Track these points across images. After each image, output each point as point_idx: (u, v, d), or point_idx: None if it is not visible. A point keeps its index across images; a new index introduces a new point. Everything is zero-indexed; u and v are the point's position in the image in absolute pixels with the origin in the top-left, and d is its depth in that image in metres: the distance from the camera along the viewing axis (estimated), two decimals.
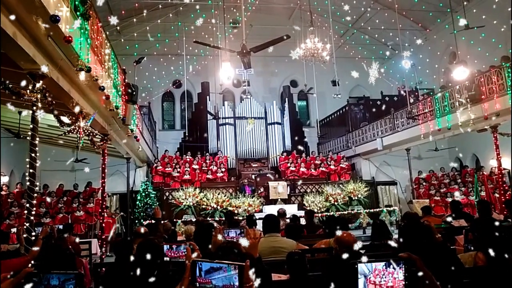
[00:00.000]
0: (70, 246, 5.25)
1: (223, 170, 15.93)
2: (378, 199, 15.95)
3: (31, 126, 5.05)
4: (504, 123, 10.45)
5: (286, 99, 19.78)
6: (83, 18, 5.38)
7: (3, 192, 11.80)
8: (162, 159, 15.98)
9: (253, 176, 15.69)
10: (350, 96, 20.71)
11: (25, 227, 4.73)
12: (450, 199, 13.47)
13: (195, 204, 13.46)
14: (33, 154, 4.98)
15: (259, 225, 5.61)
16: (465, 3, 13.31)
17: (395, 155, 16.26)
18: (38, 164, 5.04)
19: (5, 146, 10.23)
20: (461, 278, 2.41)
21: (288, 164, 16.51)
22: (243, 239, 1.87)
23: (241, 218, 11.36)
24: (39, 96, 4.94)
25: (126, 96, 8.81)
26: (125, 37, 16.36)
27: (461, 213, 6.23)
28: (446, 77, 16.43)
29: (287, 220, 7.23)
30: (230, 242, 2.04)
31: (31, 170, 4.94)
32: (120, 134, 10.08)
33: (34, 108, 4.97)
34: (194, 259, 1.56)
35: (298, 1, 17.40)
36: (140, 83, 12.84)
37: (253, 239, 2.51)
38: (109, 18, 7.26)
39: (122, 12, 15.78)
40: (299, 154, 17.15)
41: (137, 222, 13.08)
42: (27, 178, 4.96)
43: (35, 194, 5.06)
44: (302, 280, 3.02)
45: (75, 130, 6.57)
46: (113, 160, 13.09)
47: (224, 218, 11.08)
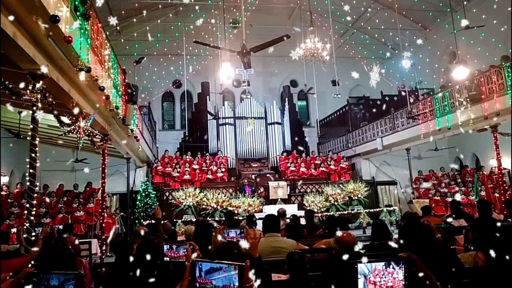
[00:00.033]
0: (70, 246, 5.25)
1: (223, 170, 15.93)
2: (378, 199, 15.96)
3: (31, 126, 5.05)
4: (504, 123, 10.45)
5: (286, 99, 19.78)
6: (83, 18, 5.38)
7: (3, 192, 11.80)
8: (162, 159, 15.98)
9: (253, 176, 15.69)
10: (350, 96, 20.70)
11: (25, 227, 4.73)
12: (450, 199, 13.49)
13: (195, 204, 13.45)
14: (33, 154, 4.97)
15: (259, 225, 5.62)
16: (465, 3, 13.30)
17: (395, 155, 16.26)
18: (38, 164, 5.04)
19: (5, 146, 10.22)
20: (461, 278, 2.41)
21: (288, 164, 16.51)
22: (243, 241, 1.87)
23: (241, 218, 11.36)
24: (39, 96, 4.94)
25: (126, 96, 8.81)
26: (125, 37, 16.36)
27: (461, 213, 6.23)
28: (446, 76, 16.43)
29: (287, 220, 7.23)
30: (230, 242, 2.04)
31: (31, 170, 4.94)
32: (120, 134, 10.08)
33: (34, 108, 4.97)
34: (194, 259, 1.56)
35: (298, 1, 17.40)
36: (140, 83, 12.83)
37: (253, 239, 2.51)
38: (108, 18, 7.26)
39: (122, 12, 15.78)
40: (299, 154, 17.14)
41: (137, 222, 13.08)
42: (27, 178, 4.95)
43: (35, 194, 5.05)
44: (302, 280, 3.02)
45: (75, 130, 6.56)
46: (113, 160, 13.08)
47: (224, 218, 11.09)
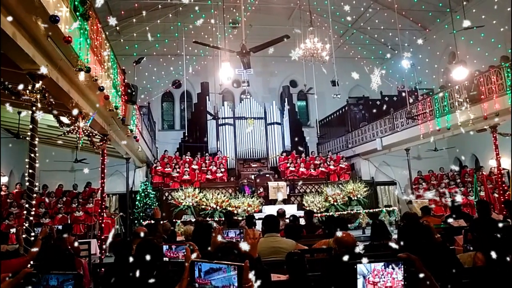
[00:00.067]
0: (69, 247, 5.25)
1: (223, 170, 15.93)
2: (377, 199, 15.96)
3: (31, 126, 5.04)
4: (503, 123, 10.46)
5: (286, 99, 19.77)
6: (83, 18, 5.38)
7: (3, 192, 11.78)
8: (162, 159, 15.97)
9: (252, 176, 15.68)
10: (350, 96, 20.71)
11: (24, 228, 4.72)
12: (449, 199, 13.48)
13: (195, 204, 13.44)
14: (32, 155, 4.97)
15: (259, 225, 5.62)
16: (464, 3, 13.31)
17: (395, 155, 16.26)
18: (37, 164, 5.03)
19: (4, 146, 10.21)
20: (460, 278, 2.41)
21: (287, 164, 16.51)
22: (243, 244, 1.87)
23: (240, 218, 11.36)
24: (39, 96, 4.94)
25: (126, 96, 8.81)
26: (124, 37, 16.36)
27: (460, 213, 6.24)
28: (446, 77, 16.44)
29: (287, 220, 7.23)
30: (230, 243, 2.04)
31: (31, 171, 4.93)
32: (119, 134, 10.07)
33: (34, 108, 4.96)
34: (193, 260, 1.56)
35: (298, 1, 17.40)
36: (139, 83, 12.84)
37: (252, 240, 2.51)
38: (108, 18, 7.26)
39: (122, 12, 15.78)
40: (299, 154, 17.15)
41: (136, 222, 13.06)
42: (27, 178, 4.94)
43: (34, 195, 5.05)
44: (302, 280, 3.02)
45: (75, 131, 6.56)
46: (112, 160, 13.08)
47: (223, 219, 11.10)
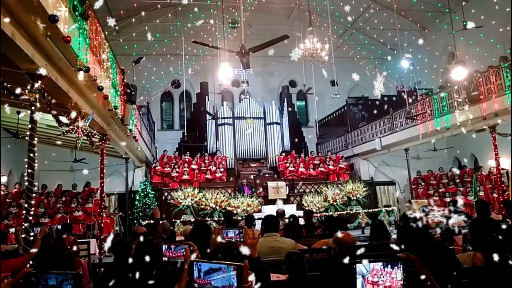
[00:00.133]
0: (69, 246, 5.25)
1: (222, 170, 15.93)
2: (376, 199, 15.98)
3: (30, 126, 5.03)
4: (502, 123, 10.47)
5: (285, 99, 19.77)
6: (82, 18, 5.37)
7: (2, 192, 11.77)
8: (161, 159, 15.97)
9: (252, 176, 15.69)
10: (349, 96, 20.72)
11: (23, 227, 4.72)
12: (448, 199, 13.51)
13: (194, 204, 13.44)
14: (31, 154, 4.96)
15: (258, 225, 5.62)
16: (463, 4, 13.32)
17: (394, 155, 16.26)
18: (36, 164, 5.03)
19: (3, 146, 10.20)
20: (459, 278, 2.41)
21: (287, 164, 16.52)
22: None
23: (239, 218, 11.36)
24: (38, 96, 4.93)
25: (125, 96, 8.80)
26: (124, 37, 16.35)
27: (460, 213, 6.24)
28: (445, 77, 16.45)
29: (286, 220, 7.24)
30: (229, 243, 2.04)
31: (30, 170, 4.93)
32: (119, 134, 10.06)
33: (33, 108, 4.96)
34: (193, 260, 1.56)
35: (297, 1, 17.41)
36: (139, 83, 12.83)
37: (251, 239, 2.51)
38: (107, 18, 7.25)
39: (121, 12, 15.78)
40: (298, 154, 17.16)
41: (135, 222, 13.07)
42: (26, 178, 4.94)
43: (34, 194, 5.04)
44: (301, 280, 3.03)
45: (74, 130, 6.55)
46: (111, 160, 13.07)
47: (223, 218, 11.11)
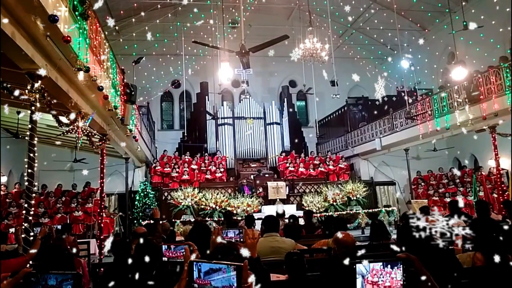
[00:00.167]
0: (69, 246, 5.25)
1: (222, 170, 15.93)
2: (376, 199, 15.98)
3: (30, 126, 5.03)
4: (502, 124, 10.47)
5: (285, 99, 19.77)
6: (82, 18, 5.37)
7: (2, 192, 11.77)
8: (161, 159, 15.97)
9: (252, 176, 15.69)
10: (349, 96, 20.72)
11: (23, 227, 4.72)
12: (448, 200, 13.50)
13: (194, 204, 13.44)
14: (31, 154, 4.95)
15: (258, 225, 5.62)
16: (463, 3, 13.32)
17: (394, 156, 16.26)
18: (36, 164, 5.03)
19: (3, 146, 10.20)
20: (459, 278, 2.41)
21: (287, 164, 16.52)
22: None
23: (239, 219, 11.36)
24: (38, 96, 4.93)
25: (125, 96, 8.80)
26: (124, 37, 16.34)
27: (459, 213, 6.24)
28: (445, 77, 16.45)
29: (286, 220, 7.24)
30: (228, 243, 2.04)
31: (30, 170, 4.92)
32: (119, 134, 10.06)
33: (33, 108, 4.96)
34: (193, 260, 1.56)
35: (297, 1, 17.41)
36: (138, 83, 12.82)
37: (251, 239, 2.51)
38: (107, 18, 7.25)
39: (121, 12, 15.77)
40: (298, 154, 17.16)
41: (135, 222, 13.07)
42: (26, 178, 4.94)
43: (34, 194, 5.04)
44: (301, 280, 3.02)
45: (74, 130, 6.55)
46: (111, 160, 13.06)
47: (222, 219, 11.11)
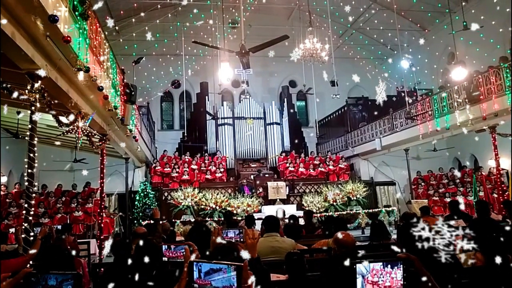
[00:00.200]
0: (69, 246, 5.25)
1: (222, 170, 15.92)
2: (376, 200, 15.97)
3: (30, 126, 5.03)
4: (502, 124, 10.47)
5: (285, 100, 19.77)
6: (82, 18, 5.37)
7: (2, 192, 11.77)
8: (161, 159, 15.97)
9: (252, 176, 15.69)
10: (349, 96, 20.71)
11: (23, 227, 4.72)
12: (448, 200, 13.50)
13: (194, 204, 13.44)
14: (31, 154, 4.95)
15: (258, 225, 5.62)
16: (463, 4, 13.32)
17: (394, 156, 16.26)
18: (36, 164, 5.02)
19: (3, 146, 10.20)
20: (459, 278, 2.41)
21: (287, 164, 16.51)
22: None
23: (239, 219, 11.36)
24: (38, 96, 4.93)
25: (125, 96, 8.80)
26: (123, 37, 16.34)
27: (459, 213, 6.24)
28: (445, 77, 16.45)
29: (286, 220, 7.24)
30: (228, 243, 2.04)
31: (30, 170, 4.92)
32: (119, 134, 10.06)
33: (33, 108, 4.96)
34: (193, 260, 1.56)
35: (297, 1, 17.41)
36: (138, 83, 12.81)
37: (251, 239, 2.51)
38: (107, 19, 7.26)
39: (121, 12, 15.77)
40: (298, 155, 17.16)
41: (135, 222, 13.06)
42: (26, 178, 4.93)
43: (34, 194, 5.04)
44: (301, 280, 3.02)
45: (74, 130, 6.55)
46: (111, 160, 13.06)
47: (223, 219, 11.11)
